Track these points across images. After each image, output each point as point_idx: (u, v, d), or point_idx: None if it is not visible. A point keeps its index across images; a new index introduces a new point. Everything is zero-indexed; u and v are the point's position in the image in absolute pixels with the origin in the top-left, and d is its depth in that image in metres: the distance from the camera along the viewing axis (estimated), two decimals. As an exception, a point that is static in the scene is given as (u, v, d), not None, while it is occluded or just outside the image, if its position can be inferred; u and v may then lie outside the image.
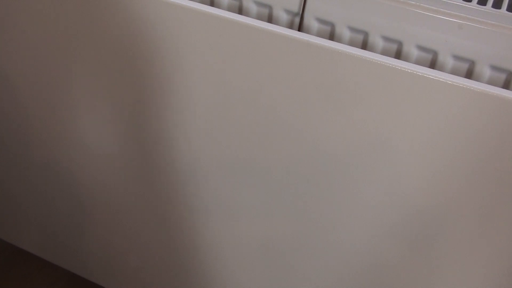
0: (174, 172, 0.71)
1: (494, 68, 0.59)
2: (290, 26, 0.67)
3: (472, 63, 0.60)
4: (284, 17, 0.67)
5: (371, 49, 0.63)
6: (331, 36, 0.65)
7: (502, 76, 0.59)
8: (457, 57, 0.60)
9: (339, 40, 0.65)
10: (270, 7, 0.67)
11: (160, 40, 0.62)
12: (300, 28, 0.67)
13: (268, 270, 0.73)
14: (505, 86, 0.59)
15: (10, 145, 0.84)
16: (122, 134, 0.72)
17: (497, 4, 0.58)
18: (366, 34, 0.63)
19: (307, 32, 0.66)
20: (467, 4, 0.58)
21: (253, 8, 0.68)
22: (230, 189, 0.68)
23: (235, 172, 0.67)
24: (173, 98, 0.65)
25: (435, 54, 0.61)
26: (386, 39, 0.62)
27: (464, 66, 0.60)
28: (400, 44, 0.62)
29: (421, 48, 0.61)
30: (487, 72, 0.59)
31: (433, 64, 0.62)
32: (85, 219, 0.85)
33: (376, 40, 0.63)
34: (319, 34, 0.66)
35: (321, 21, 0.65)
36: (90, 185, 0.80)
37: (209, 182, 0.69)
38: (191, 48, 0.61)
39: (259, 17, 0.68)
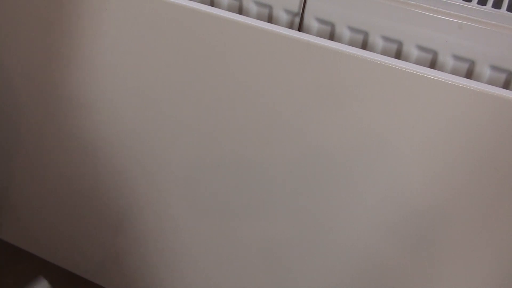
0: (173, 172, 0.71)
1: (494, 68, 0.59)
2: (290, 26, 0.67)
3: (472, 63, 0.60)
4: (284, 17, 0.67)
5: (371, 49, 0.63)
6: (331, 36, 0.65)
7: (502, 76, 0.59)
8: (457, 57, 0.60)
9: (339, 40, 0.65)
10: (270, 7, 0.67)
11: (160, 40, 0.62)
12: (300, 28, 0.67)
13: (268, 270, 0.73)
14: (505, 86, 0.59)
15: (11, 143, 0.84)
16: (122, 134, 0.72)
17: (497, 4, 0.58)
18: (366, 34, 0.63)
19: (307, 32, 0.66)
20: (467, 4, 0.58)
21: (253, 8, 0.68)
22: (230, 189, 0.68)
23: (235, 171, 0.67)
24: (173, 96, 0.65)
25: (435, 54, 0.61)
26: (386, 39, 0.62)
27: (464, 66, 0.60)
28: (400, 44, 0.62)
29: (421, 48, 0.61)
30: (487, 72, 0.59)
31: (433, 64, 0.62)
32: (85, 219, 0.85)
33: (376, 40, 0.63)
34: (319, 34, 0.66)
35: (321, 21, 0.65)
36: (89, 186, 0.80)
37: (209, 182, 0.69)
38: (192, 48, 0.61)
39: (259, 17, 0.68)
